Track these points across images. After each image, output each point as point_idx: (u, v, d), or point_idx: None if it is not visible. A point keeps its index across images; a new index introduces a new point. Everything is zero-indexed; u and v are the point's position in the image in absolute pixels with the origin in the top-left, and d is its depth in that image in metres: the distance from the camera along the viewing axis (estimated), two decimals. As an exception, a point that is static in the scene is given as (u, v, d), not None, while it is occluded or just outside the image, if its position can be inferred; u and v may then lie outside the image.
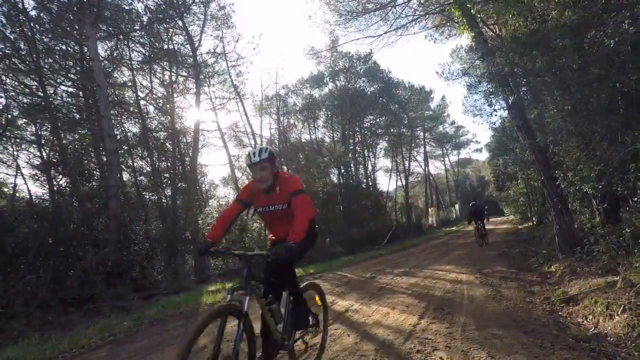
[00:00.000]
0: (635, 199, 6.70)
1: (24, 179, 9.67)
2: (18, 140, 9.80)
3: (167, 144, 14.27)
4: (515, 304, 4.74)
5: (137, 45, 13.58)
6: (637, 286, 3.82)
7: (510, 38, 7.11)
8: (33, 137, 9.96)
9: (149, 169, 13.74)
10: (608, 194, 6.39)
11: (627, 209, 6.37)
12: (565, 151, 6.99)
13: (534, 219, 18.63)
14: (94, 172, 10.39)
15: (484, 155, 42.38)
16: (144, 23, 12.80)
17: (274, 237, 2.84)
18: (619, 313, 3.56)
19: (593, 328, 3.66)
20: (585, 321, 3.91)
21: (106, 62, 12.20)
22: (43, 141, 9.93)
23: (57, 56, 10.77)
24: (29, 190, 9.79)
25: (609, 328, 3.49)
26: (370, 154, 29.82)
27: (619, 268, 4.57)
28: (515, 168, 15.85)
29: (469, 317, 4.25)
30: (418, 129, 34.25)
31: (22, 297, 6.66)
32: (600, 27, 5.71)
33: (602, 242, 5.79)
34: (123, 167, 12.08)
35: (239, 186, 19.26)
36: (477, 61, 12.87)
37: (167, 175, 14.09)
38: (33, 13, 10.26)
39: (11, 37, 9.47)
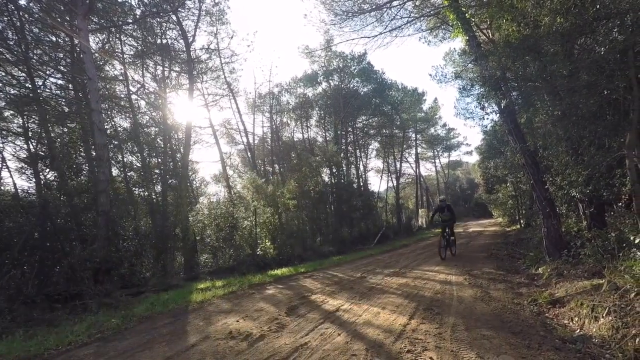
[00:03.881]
0: (620, 204, 6.88)
1: (10, 171, 9.43)
2: (4, 132, 9.57)
3: (158, 140, 14.08)
4: (504, 305, 4.82)
5: (130, 38, 13.39)
6: (621, 289, 3.92)
7: (503, 43, 7.21)
8: (20, 130, 9.73)
9: (139, 165, 13.56)
10: (595, 198, 6.54)
11: (612, 213, 6.53)
12: (555, 155, 7.12)
13: (521, 221, 18.92)
14: (83, 166, 10.19)
15: (474, 158, 43.11)
16: (137, 16, 12.61)
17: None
18: (604, 315, 3.65)
19: (579, 330, 3.74)
20: (571, 323, 3.99)
21: (97, 55, 12.00)
22: (30, 134, 9.70)
23: (46, 47, 10.53)
24: (14, 184, 9.55)
25: (594, 330, 3.57)
26: (362, 154, 30.02)
27: (604, 271, 4.67)
28: (505, 171, 16.05)
29: (458, 318, 4.30)
30: (410, 130, 34.52)
31: (6, 293, 6.51)
32: (591, 34, 5.84)
33: (588, 245, 5.93)
34: (113, 162, 11.90)
35: (230, 184, 19.16)
36: (470, 64, 13.01)
37: (157, 171, 13.90)
38: (23, 2, 10.05)
39: (-1, 26, 9.25)
